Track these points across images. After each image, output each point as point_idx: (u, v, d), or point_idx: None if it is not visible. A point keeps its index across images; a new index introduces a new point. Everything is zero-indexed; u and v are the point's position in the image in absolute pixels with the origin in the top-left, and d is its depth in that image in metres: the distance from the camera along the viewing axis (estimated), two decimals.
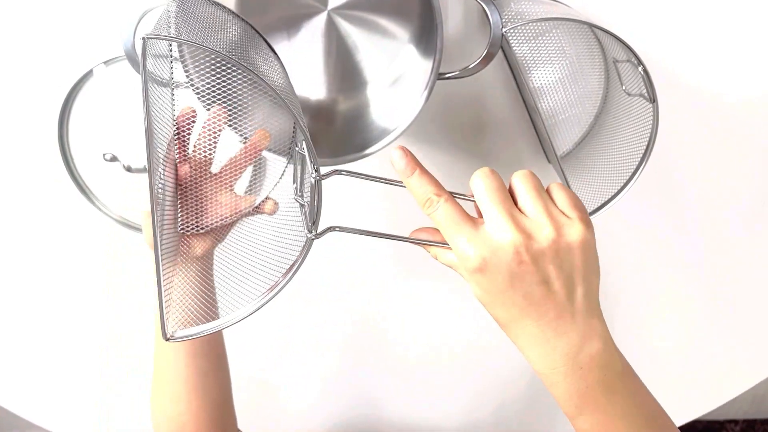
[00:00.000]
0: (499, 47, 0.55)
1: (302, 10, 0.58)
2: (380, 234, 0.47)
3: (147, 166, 0.44)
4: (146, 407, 0.81)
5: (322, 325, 0.80)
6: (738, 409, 1.63)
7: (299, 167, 0.52)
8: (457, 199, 0.46)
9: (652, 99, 0.59)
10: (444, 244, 0.46)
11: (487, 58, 0.55)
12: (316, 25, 0.58)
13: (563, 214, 0.43)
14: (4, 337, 0.78)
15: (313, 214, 0.47)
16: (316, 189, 0.46)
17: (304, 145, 0.47)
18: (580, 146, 0.69)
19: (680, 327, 0.80)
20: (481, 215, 0.45)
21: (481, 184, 0.44)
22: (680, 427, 0.84)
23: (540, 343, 0.43)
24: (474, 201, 0.45)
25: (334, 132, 0.60)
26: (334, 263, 0.76)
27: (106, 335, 0.78)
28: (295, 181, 0.53)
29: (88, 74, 0.64)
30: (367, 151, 0.57)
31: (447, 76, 0.56)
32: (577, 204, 0.44)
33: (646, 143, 0.61)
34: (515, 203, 0.44)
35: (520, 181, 0.44)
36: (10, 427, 1.23)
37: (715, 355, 0.82)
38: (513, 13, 0.58)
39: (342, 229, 0.47)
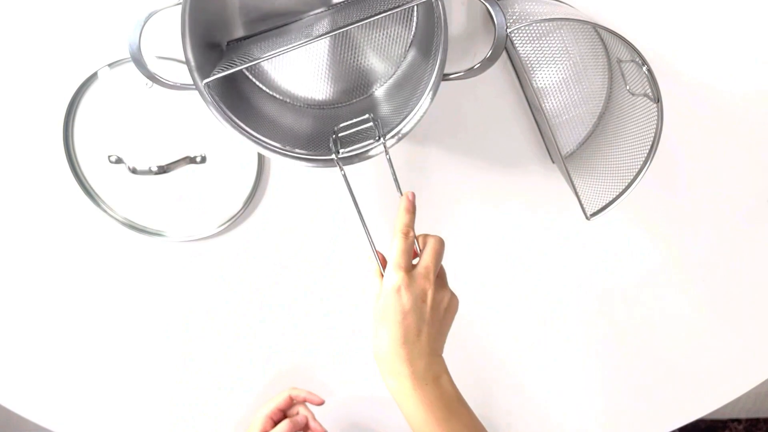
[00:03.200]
0: (504, 48, 0.55)
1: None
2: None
3: None
4: (146, 407, 0.81)
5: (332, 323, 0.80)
6: (741, 408, 1.63)
7: None
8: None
9: (657, 99, 0.59)
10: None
11: (492, 59, 0.55)
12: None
13: None
14: (6, 338, 0.78)
15: None
16: None
17: None
18: (584, 146, 0.69)
19: (683, 326, 0.80)
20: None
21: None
22: (684, 427, 0.84)
23: None
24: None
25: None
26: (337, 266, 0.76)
27: (106, 335, 0.78)
28: None
29: (92, 77, 0.64)
30: (372, 153, 0.57)
31: (451, 76, 0.56)
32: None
33: (651, 143, 0.61)
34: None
35: None
36: (15, 428, 1.23)
37: (719, 354, 0.82)
38: (517, 14, 0.58)
39: None
